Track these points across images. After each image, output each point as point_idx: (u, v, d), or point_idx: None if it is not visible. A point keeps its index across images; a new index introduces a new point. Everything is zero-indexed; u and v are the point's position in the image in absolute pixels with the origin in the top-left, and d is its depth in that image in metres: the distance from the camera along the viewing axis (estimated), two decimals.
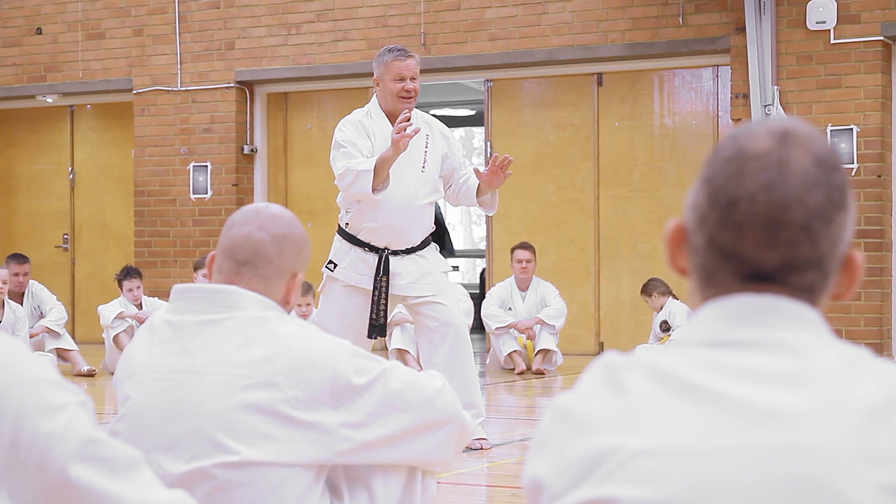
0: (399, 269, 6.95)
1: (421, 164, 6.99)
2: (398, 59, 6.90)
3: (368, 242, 6.96)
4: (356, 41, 14.55)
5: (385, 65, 6.92)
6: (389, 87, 6.89)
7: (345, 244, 7.02)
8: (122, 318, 12.00)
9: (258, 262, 3.10)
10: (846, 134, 12.53)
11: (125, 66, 15.56)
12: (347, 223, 6.99)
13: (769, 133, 1.72)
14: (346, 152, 6.80)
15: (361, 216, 6.92)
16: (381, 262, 6.91)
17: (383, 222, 6.91)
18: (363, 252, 6.95)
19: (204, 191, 15.09)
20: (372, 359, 3.10)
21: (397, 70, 6.88)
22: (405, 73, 6.88)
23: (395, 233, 6.94)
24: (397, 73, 6.88)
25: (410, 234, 7.00)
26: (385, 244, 6.95)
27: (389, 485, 3.17)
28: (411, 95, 6.90)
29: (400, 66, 6.89)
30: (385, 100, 6.93)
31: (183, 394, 3.00)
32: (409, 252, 7.00)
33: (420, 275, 6.97)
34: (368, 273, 6.93)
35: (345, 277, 6.96)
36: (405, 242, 6.99)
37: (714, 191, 1.72)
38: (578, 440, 1.64)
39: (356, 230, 6.97)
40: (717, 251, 1.71)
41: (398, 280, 6.94)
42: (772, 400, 1.58)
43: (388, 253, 6.93)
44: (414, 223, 6.99)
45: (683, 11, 13.26)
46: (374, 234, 6.93)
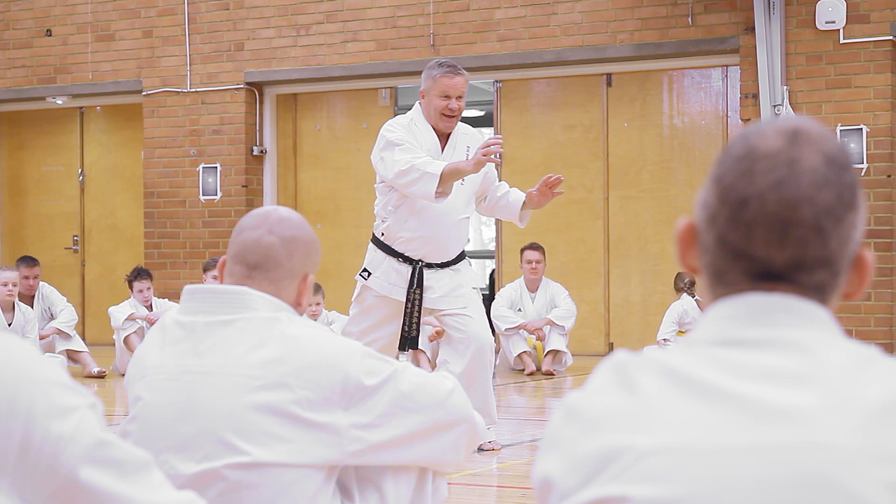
0: (432, 282, 6.84)
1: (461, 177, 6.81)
2: (446, 76, 6.75)
3: (403, 253, 6.84)
4: (365, 42, 14.55)
5: (433, 79, 6.78)
6: (434, 103, 6.77)
7: (379, 253, 6.90)
8: (132, 320, 12.02)
9: (269, 266, 3.11)
10: (856, 134, 12.52)
11: (135, 67, 15.57)
12: (383, 233, 6.87)
13: (779, 132, 1.72)
14: (406, 148, 6.65)
15: (399, 225, 6.81)
16: (414, 274, 6.80)
17: (421, 233, 6.79)
18: (397, 263, 6.84)
19: (213, 192, 15.10)
20: (383, 360, 3.10)
21: (444, 87, 6.74)
22: (451, 91, 6.74)
23: (432, 244, 6.83)
24: (443, 91, 6.74)
25: (447, 248, 6.89)
26: (421, 256, 6.84)
27: (400, 486, 3.17)
28: (454, 114, 6.77)
29: (447, 83, 6.74)
30: (428, 113, 6.83)
31: (194, 395, 3.00)
32: (444, 266, 6.90)
33: (452, 288, 6.86)
34: (401, 284, 6.83)
35: (377, 287, 6.85)
36: (441, 256, 6.89)
37: (724, 189, 1.72)
38: (588, 439, 1.64)
39: (392, 240, 6.85)
40: (726, 250, 1.71)
41: (430, 293, 6.84)
42: (782, 398, 1.58)
43: (422, 265, 6.82)
44: (451, 236, 6.88)
45: (692, 12, 13.25)
46: (411, 244, 6.82)
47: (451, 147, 6.90)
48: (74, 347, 11.91)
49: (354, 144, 15.19)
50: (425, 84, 6.83)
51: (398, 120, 6.90)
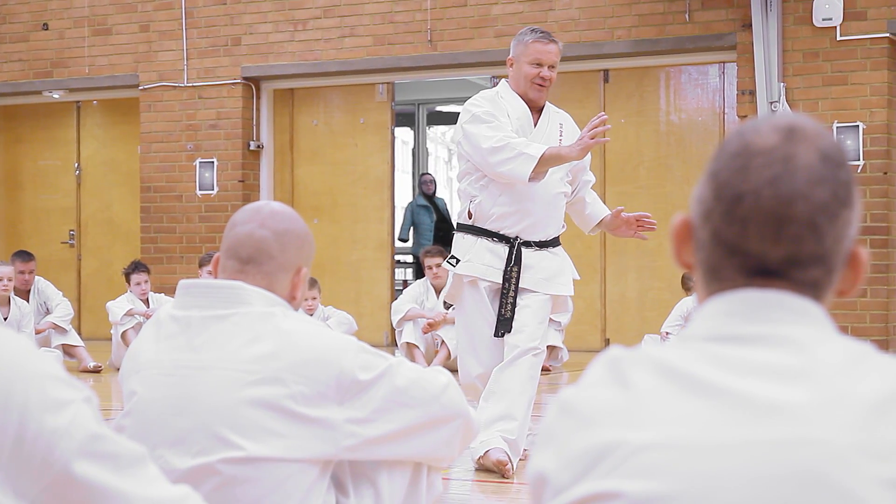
0: (532, 261, 6.34)
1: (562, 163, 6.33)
2: (539, 42, 6.32)
3: (497, 231, 6.33)
4: (362, 37, 14.55)
5: (524, 45, 6.35)
6: (524, 70, 6.33)
7: (468, 237, 6.39)
8: (131, 315, 12.02)
9: (261, 260, 3.12)
10: (852, 131, 12.52)
11: (132, 61, 15.56)
12: (471, 212, 6.36)
13: (775, 129, 1.72)
14: (495, 125, 6.21)
15: (492, 200, 6.30)
16: (512, 252, 6.29)
17: (516, 207, 6.29)
18: (491, 242, 6.32)
19: (210, 187, 15.09)
20: (377, 355, 3.10)
21: (536, 54, 6.31)
22: (544, 58, 6.31)
23: (528, 219, 6.32)
24: (535, 58, 6.30)
25: (544, 225, 6.37)
26: (517, 232, 6.31)
27: (395, 480, 3.18)
28: (545, 84, 6.33)
29: (540, 49, 6.31)
30: (517, 82, 6.38)
31: (189, 389, 3.01)
32: (542, 246, 6.40)
33: (556, 272, 6.39)
34: (497, 264, 6.32)
35: (469, 270, 6.32)
36: (538, 233, 6.36)
37: (719, 185, 1.72)
38: (582, 434, 1.64)
39: (484, 218, 6.33)
40: (721, 246, 1.72)
41: (532, 273, 6.33)
42: (776, 394, 1.59)
43: (520, 243, 6.31)
44: (548, 213, 6.37)
45: (690, 8, 13.25)
46: (506, 220, 6.31)
47: (546, 121, 6.43)
48: (70, 342, 11.91)
49: (351, 140, 15.19)
50: (515, 50, 6.40)
51: (483, 94, 6.44)
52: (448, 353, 11.73)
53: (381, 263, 15.02)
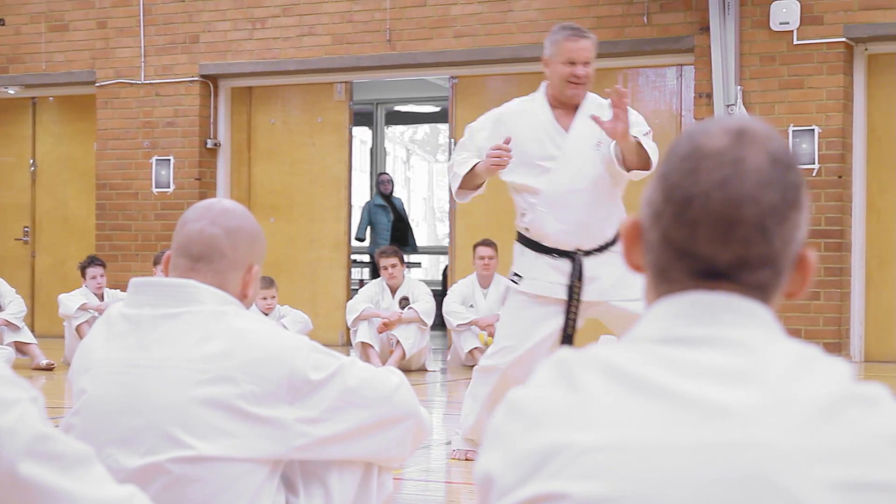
0: (596, 271, 6.15)
1: (595, 142, 6.12)
2: (570, 39, 6.16)
3: (556, 247, 6.16)
4: (321, 36, 14.52)
5: (555, 44, 6.19)
6: (558, 70, 6.15)
7: (529, 253, 6.23)
8: (85, 310, 11.96)
9: (213, 257, 3.10)
10: (808, 135, 12.59)
11: (88, 58, 15.48)
12: (527, 228, 6.23)
13: (725, 131, 1.72)
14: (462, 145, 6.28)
15: (542, 220, 6.15)
16: (575, 267, 6.11)
17: (569, 222, 6.13)
18: (552, 259, 6.16)
19: (166, 185, 15.03)
20: (329, 354, 3.09)
21: (568, 52, 6.13)
22: (577, 56, 6.13)
23: (584, 231, 6.15)
24: (568, 56, 6.13)
25: (601, 228, 6.19)
26: (576, 246, 6.15)
27: (345, 480, 3.17)
28: (580, 81, 6.12)
29: (572, 47, 6.14)
30: (553, 83, 6.21)
31: (139, 388, 2.99)
32: (603, 249, 6.20)
33: (622, 275, 6.09)
34: (562, 280, 6.13)
35: (534, 289, 6.16)
36: (596, 239, 6.19)
37: (669, 187, 1.72)
38: (529, 435, 1.64)
39: (540, 235, 6.18)
40: (670, 248, 1.72)
41: (597, 284, 6.14)
42: (723, 397, 1.59)
43: (581, 255, 6.14)
44: (602, 214, 6.17)
45: (648, 10, 13.29)
46: (560, 235, 6.14)
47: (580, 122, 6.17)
48: (23, 339, 11.82)
49: (309, 139, 15.16)
50: (548, 51, 6.24)
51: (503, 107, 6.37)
52: (403, 353, 11.72)
53: (338, 263, 15.00)
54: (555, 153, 6.14)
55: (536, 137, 6.19)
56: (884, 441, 1.57)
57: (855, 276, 12.65)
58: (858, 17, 12.50)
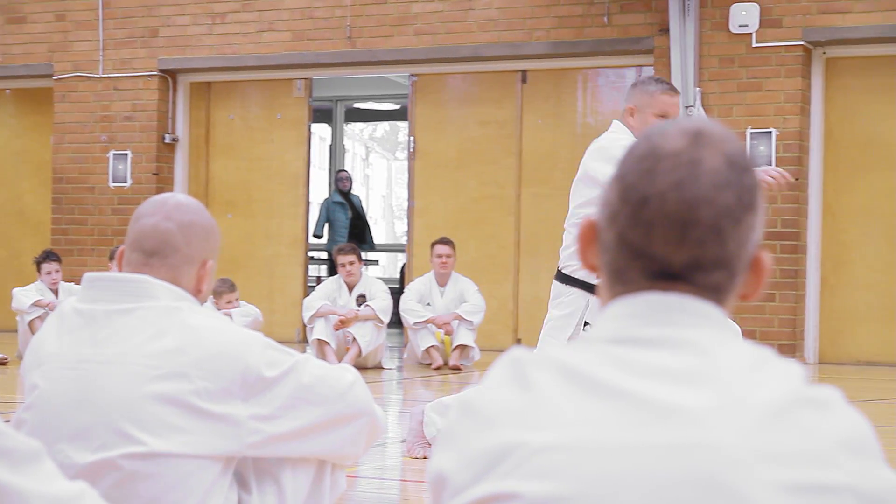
0: None
1: None
2: (667, 94, 6.22)
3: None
4: (281, 32, 14.48)
5: (650, 94, 6.21)
6: (648, 121, 6.15)
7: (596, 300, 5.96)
8: (39, 306, 11.88)
9: (166, 252, 3.09)
10: (765, 137, 12.65)
11: (46, 51, 15.38)
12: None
13: (682, 133, 1.72)
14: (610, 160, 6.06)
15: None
16: None
17: None
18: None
19: (123, 179, 14.95)
20: (284, 351, 3.08)
21: (664, 106, 6.19)
22: (671, 111, 6.20)
23: None
24: (663, 109, 6.18)
25: None
26: None
27: (298, 478, 3.16)
28: None
29: (668, 101, 6.20)
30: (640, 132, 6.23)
31: (91, 384, 2.96)
32: None
33: None
34: None
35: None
36: None
37: (625, 188, 1.72)
38: (482, 434, 1.63)
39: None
40: (626, 248, 1.71)
41: None
42: (675, 398, 1.59)
43: None
44: None
45: (608, 11, 13.32)
46: None
47: None
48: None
49: (268, 135, 15.11)
50: (638, 100, 6.24)
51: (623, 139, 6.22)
52: (359, 351, 11.70)
53: (295, 260, 14.96)
54: None
55: None
56: (834, 444, 1.57)
57: (810, 279, 12.72)
58: (817, 20, 12.57)
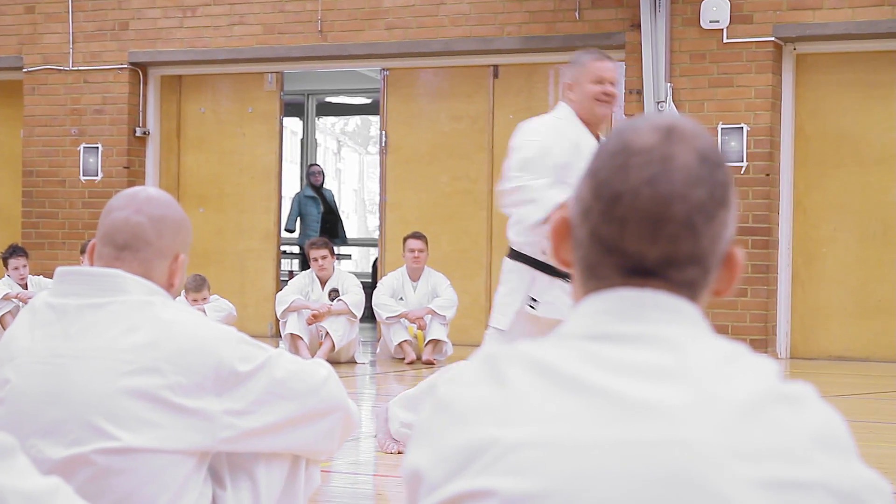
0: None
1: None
2: (598, 60, 6.33)
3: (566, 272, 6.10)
4: (252, 25, 14.45)
5: (582, 65, 6.33)
6: (587, 90, 6.27)
7: (543, 276, 6.23)
8: (8, 300, 11.84)
9: (138, 246, 3.09)
10: (736, 132, 12.69)
11: (16, 43, 15.31)
12: (545, 251, 6.15)
13: (654, 128, 1.73)
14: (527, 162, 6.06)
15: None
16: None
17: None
18: (565, 283, 6.17)
19: (94, 173, 14.90)
20: (257, 346, 3.08)
21: (597, 71, 6.30)
22: (605, 74, 6.30)
23: None
24: (597, 75, 6.29)
25: None
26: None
27: (273, 473, 3.15)
28: (610, 100, 6.31)
29: (600, 66, 6.30)
30: (581, 103, 6.30)
31: (64, 378, 2.96)
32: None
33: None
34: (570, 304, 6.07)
35: (554, 314, 6.17)
36: None
37: (598, 184, 1.73)
38: (457, 431, 1.64)
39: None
40: (599, 244, 1.72)
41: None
42: (649, 394, 1.59)
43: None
44: None
45: (580, 6, 13.34)
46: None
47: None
48: None
49: (239, 129, 15.08)
50: (573, 74, 6.36)
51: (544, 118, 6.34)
52: (332, 345, 11.69)
53: (267, 254, 14.94)
54: None
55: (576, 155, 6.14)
56: (808, 440, 1.58)
57: (781, 274, 12.77)
58: (787, 16, 12.62)
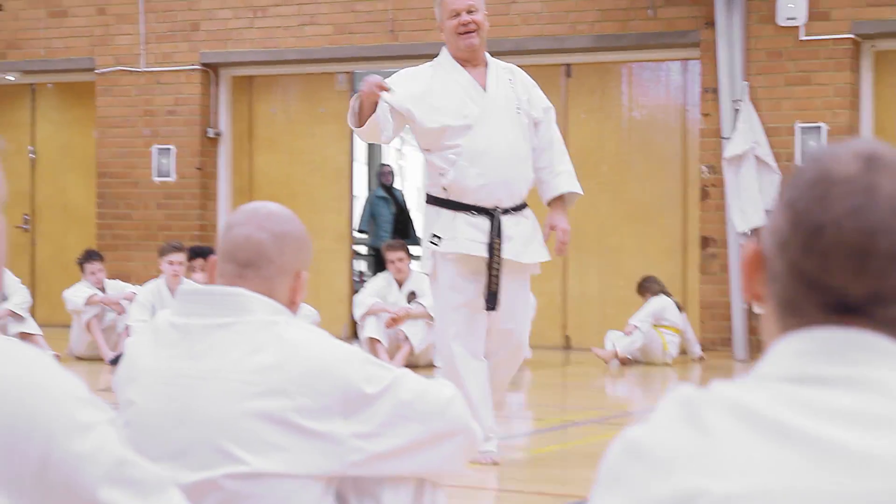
0: (510, 230, 6.30)
1: (515, 106, 6.39)
2: None
3: (475, 204, 6.28)
4: (322, 26, 14.44)
5: (439, 4, 6.39)
6: (447, 27, 6.34)
7: (446, 212, 6.31)
8: (93, 304, 11.85)
9: (260, 263, 3.04)
10: (814, 132, 12.54)
11: (88, 45, 15.37)
12: (445, 187, 6.31)
13: (855, 156, 1.64)
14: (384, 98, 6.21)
15: (464, 174, 6.24)
16: (493, 223, 6.25)
17: (490, 177, 6.25)
18: (471, 216, 6.27)
19: (167, 174, 14.94)
20: (382, 367, 3.02)
21: (451, 5, 6.33)
22: (458, 5, 6.31)
23: (504, 188, 6.30)
24: (451, 9, 6.33)
25: (518, 187, 6.37)
26: (494, 202, 6.29)
27: (399, 497, 3.08)
28: (469, 29, 6.30)
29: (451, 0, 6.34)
30: (449, 43, 6.38)
31: (189, 400, 2.91)
32: (517, 210, 6.38)
33: (528, 238, 6.40)
34: (481, 238, 6.24)
35: (455, 248, 6.23)
36: (514, 198, 6.35)
37: (797, 215, 1.64)
38: (659, 480, 1.55)
39: (460, 193, 6.28)
40: (799, 279, 1.63)
41: (512, 244, 6.32)
42: (866, 443, 1.50)
43: (499, 212, 6.28)
44: (520, 174, 6.36)
45: (653, 4, 13.23)
46: (482, 191, 6.25)
47: (494, 81, 6.43)
48: (28, 330, 11.65)
49: (310, 129, 15.07)
50: (438, 16, 6.44)
51: (406, 70, 6.46)
52: (411, 349, 11.62)
53: (340, 255, 14.92)
54: (475, 111, 6.32)
55: (456, 94, 6.33)
56: None
57: None
58: (866, 13, 12.45)
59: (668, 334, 12.28)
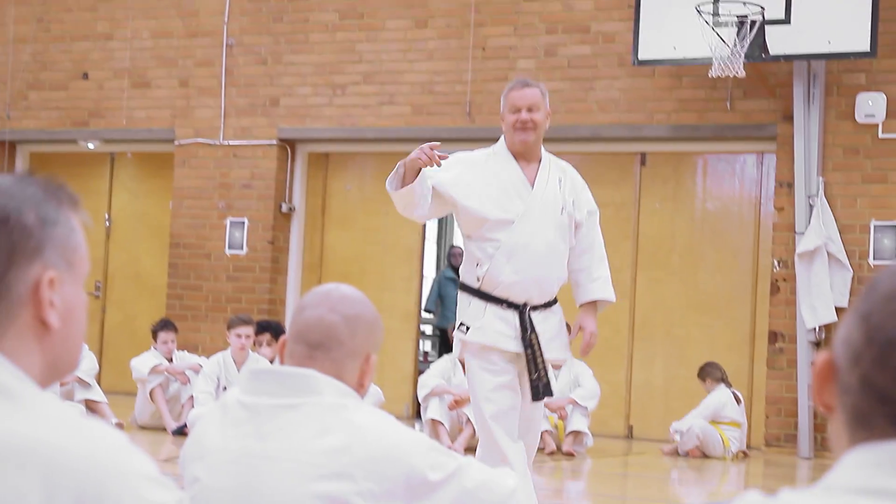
0: (537, 326, 6.37)
1: (560, 206, 6.48)
2: (514, 90, 6.47)
3: (506, 298, 6.37)
4: (401, 106, 14.54)
5: (503, 97, 6.54)
6: (507, 120, 6.46)
7: (477, 301, 6.38)
8: (158, 372, 11.91)
9: (331, 345, 3.05)
10: (890, 230, 12.45)
11: (169, 116, 15.57)
12: (479, 277, 6.38)
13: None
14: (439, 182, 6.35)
15: (499, 269, 6.32)
16: (524, 319, 6.32)
17: (525, 274, 6.33)
18: (501, 309, 6.35)
19: (240, 246, 15.04)
20: (447, 454, 3.02)
21: (512, 100, 6.43)
22: (520, 102, 6.41)
23: (536, 286, 6.38)
24: (512, 104, 6.42)
25: (550, 286, 6.46)
26: (525, 299, 6.36)
27: None
28: (527, 126, 6.39)
29: (515, 95, 6.44)
30: (506, 135, 6.50)
31: (255, 479, 2.92)
32: (547, 307, 6.46)
33: (554, 334, 6.47)
34: (509, 332, 6.32)
35: (482, 339, 6.32)
36: (545, 295, 6.44)
37: (871, 328, 1.63)
38: None
39: (492, 286, 6.36)
40: (872, 393, 1.63)
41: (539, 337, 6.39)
42: None
43: (529, 308, 6.35)
44: (554, 274, 6.46)
45: (731, 96, 13.22)
46: (514, 287, 6.34)
47: (544, 178, 6.50)
48: (93, 397, 11.71)
49: (383, 207, 15.11)
50: (501, 107, 6.57)
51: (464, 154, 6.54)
52: (473, 432, 11.57)
53: (407, 334, 14.93)
54: (520, 207, 6.41)
55: (504, 188, 6.41)
56: None
57: None
58: None
59: (728, 430, 12.16)
